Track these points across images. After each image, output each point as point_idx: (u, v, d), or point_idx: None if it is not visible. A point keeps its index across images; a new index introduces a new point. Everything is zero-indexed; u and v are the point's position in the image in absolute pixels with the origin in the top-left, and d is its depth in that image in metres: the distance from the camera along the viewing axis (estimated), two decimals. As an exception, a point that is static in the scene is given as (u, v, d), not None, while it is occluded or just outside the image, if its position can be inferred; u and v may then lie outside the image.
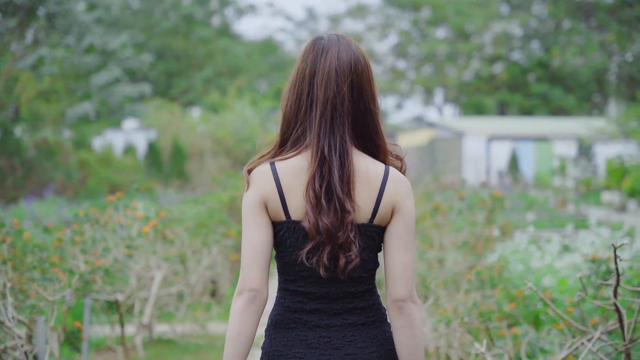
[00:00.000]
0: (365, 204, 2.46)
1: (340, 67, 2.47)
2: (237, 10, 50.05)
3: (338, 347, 2.47)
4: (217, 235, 7.82)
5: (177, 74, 45.64)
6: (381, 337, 2.52)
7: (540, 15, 49.00)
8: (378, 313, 2.54)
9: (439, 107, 54.07)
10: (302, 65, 2.52)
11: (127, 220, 5.25)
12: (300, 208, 2.44)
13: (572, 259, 7.12)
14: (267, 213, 2.46)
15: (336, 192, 2.40)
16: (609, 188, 23.55)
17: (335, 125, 2.45)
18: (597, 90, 47.36)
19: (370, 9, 52.25)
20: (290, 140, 2.51)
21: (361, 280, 2.50)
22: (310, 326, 2.48)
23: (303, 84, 2.50)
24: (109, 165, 25.09)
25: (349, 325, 2.49)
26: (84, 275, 4.72)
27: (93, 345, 7.25)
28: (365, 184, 2.46)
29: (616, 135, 27.22)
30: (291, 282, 2.50)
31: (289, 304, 2.51)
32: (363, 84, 2.52)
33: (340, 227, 2.40)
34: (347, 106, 2.47)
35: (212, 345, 7.89)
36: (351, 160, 2.45)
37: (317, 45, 2.53)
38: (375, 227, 2.48)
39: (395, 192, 2.47)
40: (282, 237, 2.47)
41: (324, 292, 2.48)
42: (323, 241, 2.41)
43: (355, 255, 2.42)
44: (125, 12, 42.56)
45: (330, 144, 2.44)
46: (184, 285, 7.24)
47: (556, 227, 15.08)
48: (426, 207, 8.24)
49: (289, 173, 2.45)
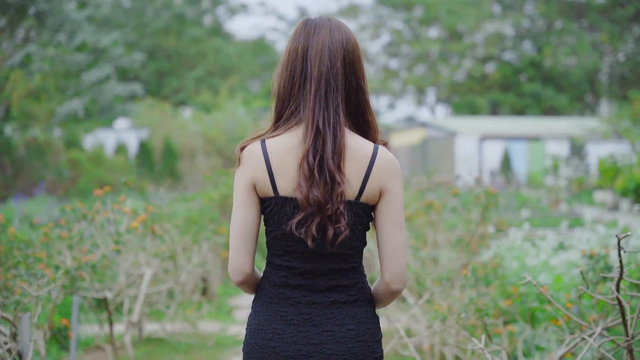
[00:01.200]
0: (353, 180, 2.50)
1: (332, 44, 2.54)
2: (229, 10, 49.95)
3: (317, 324, 2.51)
4: (208, 232, 7.71)
5: (168, 73, 45.51)
6: (361, 316, 2.56)
7: (532, 15, 49.06)
8: (361, 292, 2.58)
9: (431, 107, 54.07)
10: (294, 44, 2.58)
11: (115, 215, 5.14)
12: (288, 184, 2.50)
13: (567, 257, 7.05)
14: (255, 193, 2.54)
15: (327, 165, 2.45)
16: (601, 187, 23.54)
17: (330, 100, 2.51)
18: (589, 90, 47.44)
19: (362, 9, 52.24)
20: (283, 117, 2.57)
21: (346, 257, 2.54)
22: (292, 302, 2.53)
23: (296, 61, 2.56)
24: (100, 165, 24.98)
25: (330, 303, 2.53)
26: (71, 271, 4.61)
27: (81, 344, 7.13)
28: (354, 160, 2.50)
29: (608, 134, 27.23)
30: (277, 256, 2.56)
31: (274, 278, 2.57)
32: (354, 61, 2.58)
33: (329, 198, 2.45)
34: (341, 81, 2.54)
35: (203, 345, 7.78)
36: (344, 134, 2.50)
37: (309, 25, 2.60)
38: (362, 205, 2.52)
39: (383, 172, 2.52)
40: (270, 213, 2.53)
41: (308, 267, 2.53)
42: (312, 212, 2.46)
43: (345, 227, 2.46)
44: (116, 11, 42.43)
45: (324, 117, 2.49)
46: (174, 283, 7.13)
47: (549, 226, 15.02)
48: (419, 204, 8.15)
49: (278, 150, 2.51)
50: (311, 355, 2.49)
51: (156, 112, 31.39)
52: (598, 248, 6.73)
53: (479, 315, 3.48)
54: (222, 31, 49.72)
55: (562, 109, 46.40)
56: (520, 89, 47.63)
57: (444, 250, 7.44)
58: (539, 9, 47.82)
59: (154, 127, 30.40)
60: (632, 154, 23.49)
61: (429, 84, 50.25)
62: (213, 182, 10.32)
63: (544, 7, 47.09)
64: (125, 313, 7.04)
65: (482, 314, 3.47)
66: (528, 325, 5.60)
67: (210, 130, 29.14)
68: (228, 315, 9.14)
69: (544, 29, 48.90)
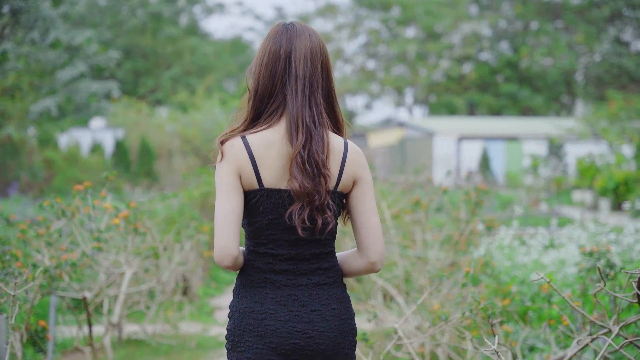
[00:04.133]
0: (333, 172, 2.73)
1: (313, 49, 2.75)
2: (206, 9, 49.62)
3: (305, 304, 2.73)
4: (191, 230, 7.50)
5: (144, 72, 45.13)
6: (340, 295, 2.81)
7: (509, 15, 49.19)
8: (337, 274, 2.83)
9: (409, 108, 54.03)
10: (274, 46, 2.75)
11: (95, 212, 4.90)
12: (273, 177, 2.69)
13: (558, 255, 6.90)
14: (240, 183, 2.69)
15: (315, 160, 2.66)
16: (580, 187, 23.54)
17: (313, 99, 2.72)
18: (565, 91, 47.59)
19: (339, 9, 52.09)
20: (263, 115, 2.74)
21: (325, 242, 2.78)
22: (279, 285, 2.73)
23: (277, 62, 2.73)
24: (76, 164, 24.67)
25: (313, 284, 2.75)
26: (49, 270, 4.39)
27: (59, 346, 6.87)
28: (332, 154, 2.73)
29: (586, 134, 27.27)
30: (262, 245, 2.73)
31: (260, 265, 2.74)
32: (328, 65, 2.80)
33: (318, 190, 2.66)
34: (321, 83, 2.76)
35: (184, 346, 7.57)
36: (327, 132, 2.72)
37: (290, 28, 2.77)
38: (339, 193, 2.76)
39: (355, 163, 2.76)
40: (255, 204, 2.70)
41: (292, 253, 2.73)
42: (303, 204, 2.66)
43: (331, 218, 2.71)
44: (92, 9, 42.01)
45: (310, 115, 2.69)
46: (156, 283, 6.89)
47: (532, 225, 14.92)
48: (406, 202, 7.99)
49: (260, 145, 2.68)
50: (305, 332, 2.71)
51: (132, 111, 31.10)
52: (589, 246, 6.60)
53: (485, 315, 3.31)
54: (198, 30, 49.39)
55: (538, 109, 46.55)
56: (497, 89, 47.73)
57: (433, 249, 7.28)
58: (515, 10, 47.94)
59: (130, 126, 30.13)
60: (610, 154, 23.52)
61: (406, 84, 50.21)
62: (195, 179, 10.09)
63: (520, 7, 47.22)
64: (104, 314, 6.81)
65: (489, 314, 3.29)
66: (522, 325, 5.44)
67: (187, 129, 28.93)
68: (209, 317, 8.93)
69: (521, 30, 49.05)
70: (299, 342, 2.70)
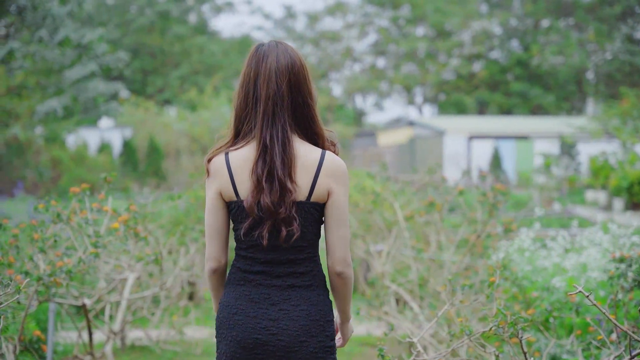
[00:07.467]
0: (304, 184, 2.88)
1: (279, 69, 2.90)
2: (214, 8, 49.43)
3: (275, 303, 2.90)
4: (196, 233, 7.21)
5: (152, 71, 44.95)
6: (314, 299, 2.94)
7: (520, 13, 48.78)
8: (315, 278, 2.97)
9: (419, 106, 53.67)
10: (247, 69, 2.95)
11: (94, 215, 4.63)
12: (246, 191, 2.90)
13: (578, 259, 6.59)
14: (222, 200, 2.96)
15: (277, 175, 2.83)
16: (593, 186, 23.17)
17: (277, 118, 2.87)
18: (576, 89, 47.16)
19: (349, 7, 51.78)
20: (241, 133, 2.95)
21: (301, 249, 2.93)
22: (255, 284, 2.93)
23: (249, 84, 2.93)
24: (83, 164, 24.49)
25: (287, 286, 2.92)
26: (43, 278, 4.12)
27: (58, 355, 6.61)
28: (304, 167, 2.88)
29: (599, 133, 26.88)
30: (243, 249, 2.96)
31: (241, 265, 2.97)
32: (300, 82, 2.93)
33: (281, 204, 2.84)
34: (287, 101, 2.89)
35: (190, 353, 7.32)
36: (292, 147, 2.87)
37: (259, 52, 2.96)
38: (312, 204, 2.90)
39: (331, 175, 2.90)
40: (235, 214, 2.94)
41: (269, 258, 2.92)
42: (263, 217, 2.86)
43: (297, 229, 2.86)
44: (100, 8, 41.84)
45: (272, 134, 2.86)
46: (160, 288, 6.61)
47: (545, 226, 14.59)
48: (420, 203, 7.69)
49: (239, 161, 2.90)
50: (268, 328, 2.88)
51: (140, 110, 30.92)
52: (613, 250, 6.30)
53: (515, 329, 3.03)
54: (207, 29, 49.18)
55: (549, 108, 46.11)
56: (507, 88, 47.32)
57: (448, 252, 6.98)
58: (526, 8, 47.53)
59: (138, 125, 29.96)
60: (623, 153, 23.13)
61: (416, 82, 49.86)
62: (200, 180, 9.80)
63: (531, 5, 46.81)
64: (106, 321, 6.54)
65: (518, 328, 3.02)
66: (544, 335, 5.14)
67: (195, 128, 28.73)
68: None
69: (531, 28, 48.63)
70: (261, 337, 2.88)
